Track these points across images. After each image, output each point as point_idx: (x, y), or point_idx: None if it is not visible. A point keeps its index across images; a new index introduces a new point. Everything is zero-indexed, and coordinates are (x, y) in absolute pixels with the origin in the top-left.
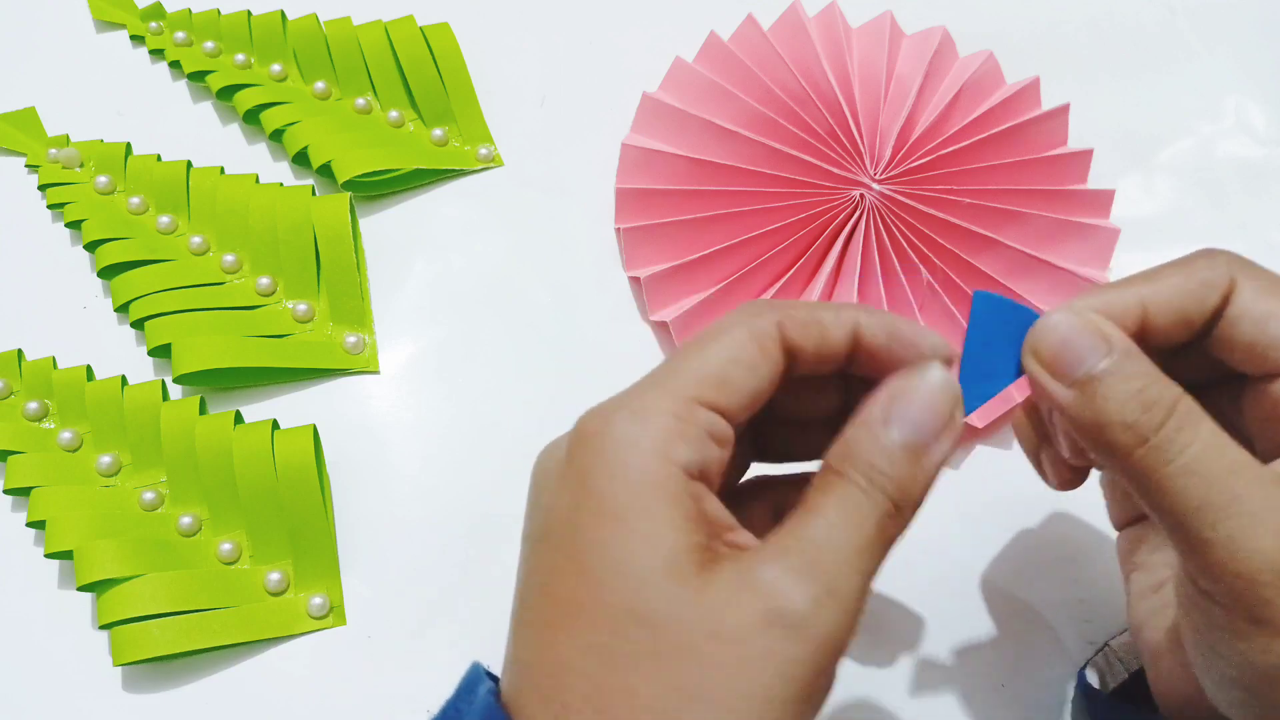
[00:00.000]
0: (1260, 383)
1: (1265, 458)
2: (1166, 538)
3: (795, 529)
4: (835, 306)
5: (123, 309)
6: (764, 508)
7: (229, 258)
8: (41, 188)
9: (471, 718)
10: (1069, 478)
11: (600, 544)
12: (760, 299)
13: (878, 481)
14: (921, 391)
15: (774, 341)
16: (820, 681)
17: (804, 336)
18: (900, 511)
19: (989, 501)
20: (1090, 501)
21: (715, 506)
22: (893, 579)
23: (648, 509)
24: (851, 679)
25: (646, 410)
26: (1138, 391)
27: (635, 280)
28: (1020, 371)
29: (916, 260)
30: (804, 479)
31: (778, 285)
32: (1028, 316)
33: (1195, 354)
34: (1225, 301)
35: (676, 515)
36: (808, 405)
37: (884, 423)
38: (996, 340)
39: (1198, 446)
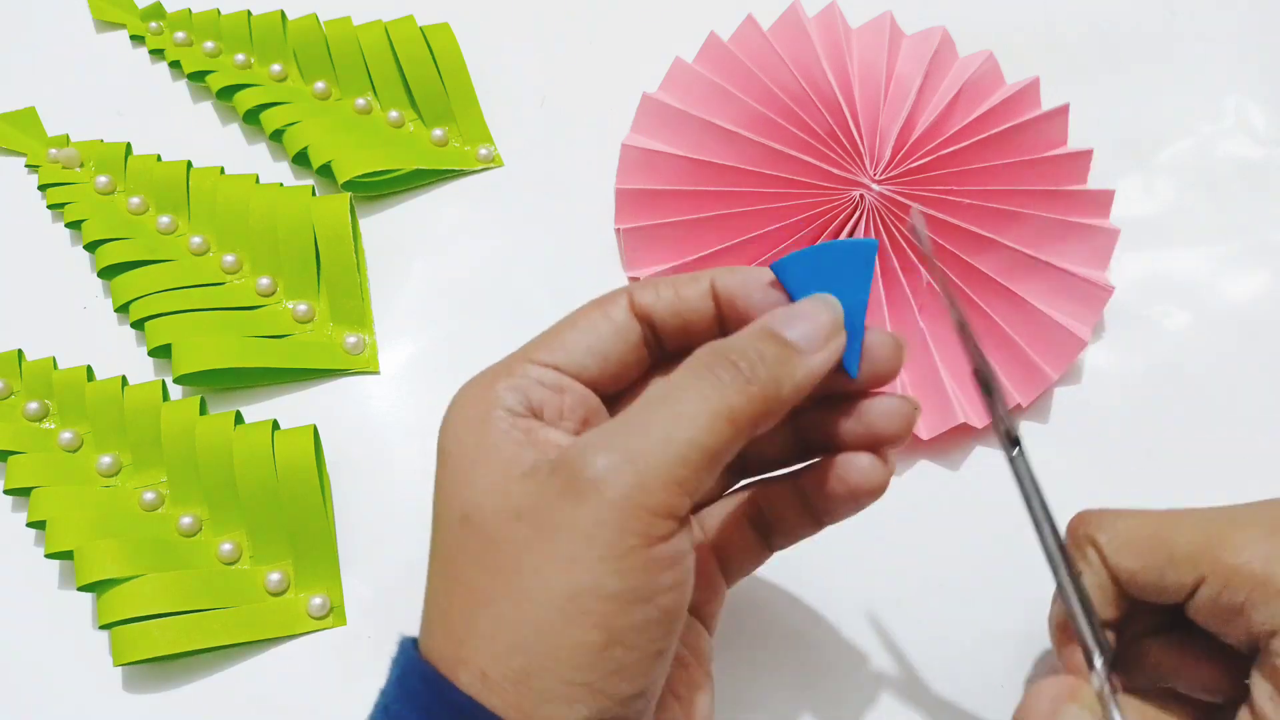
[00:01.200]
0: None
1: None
2: None
3: (623, 413)
4: (694, 274)
5: (123, 309)
6: (744, 510)
7: (229, 258)
8: (41, 188)
9: (390, 671)
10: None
11: (440, 483)
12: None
13: (731, 357)
14: (808, 305)
15: (620, 307)
16: (629, 542)
17: (655, 299)
18: (753, 387)
19: (987, 502)
20: (1090, 501)
21: (556, 435)
22: (892, 578)
23: (469, 443)
24: (851, 679)
25: (481, 377)
26: None
27: (635, 280)
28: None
29: (916, 260)
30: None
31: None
32: (824, 253)
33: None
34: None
35: (496, 440)
36: (765, 446)
37: (759, 322)
38: (815, 288)
39: None
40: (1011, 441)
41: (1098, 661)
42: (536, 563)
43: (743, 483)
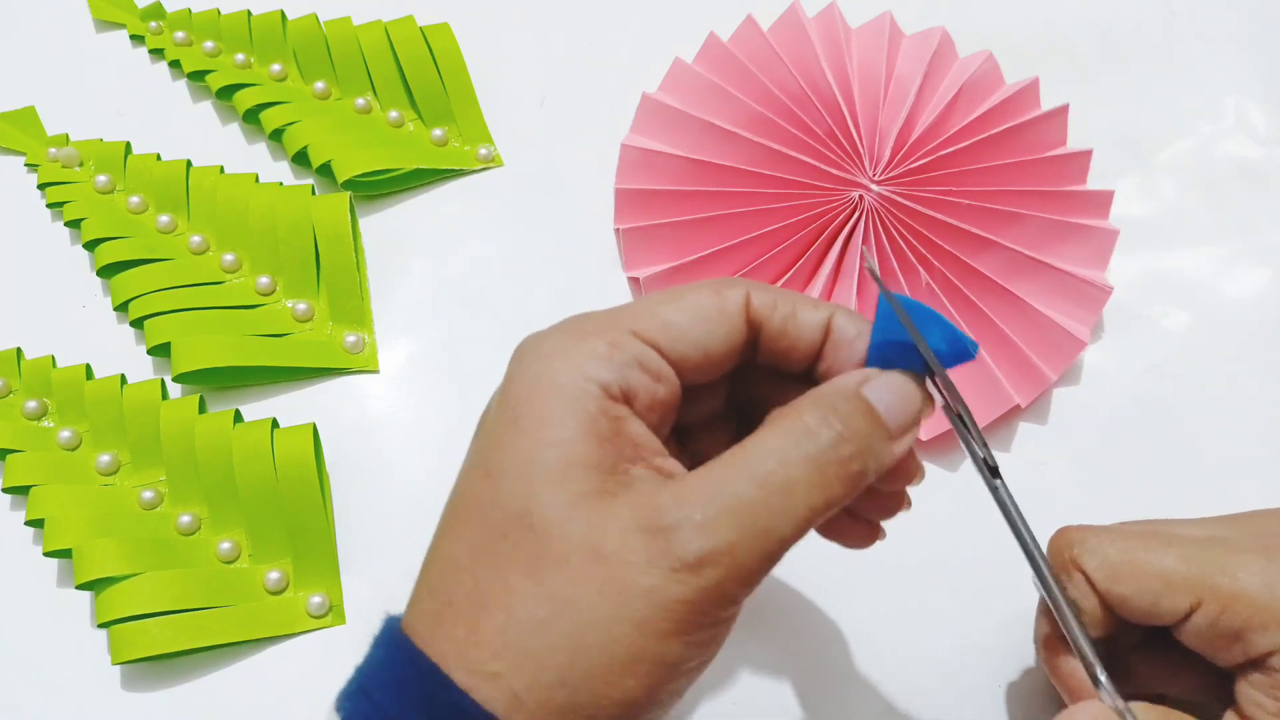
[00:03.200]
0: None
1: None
2: None
3: (718, 470)
4: (817, 301)
5: (122, 308)
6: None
7: (228, 257)
8: (41, 187)
9: (375, 643)
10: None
11: (505, 445)
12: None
13: (829, 418)
14: (897, 378)
15: (736, 306)
16: (703, 623)
17: (771, 310)
18: (845, 484)
19: (986, 502)
20: (1089, 502)
21: (640, 430)
22: (891, 578)
23: (553, 416)
24: (847, 678)
25: (579, 333)
26: None
27: (635, 281)
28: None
29: (915, 261)
30: None
31: (777, 286)
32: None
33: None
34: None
35: (583, 427)
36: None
37: (858, 383)
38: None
39: None
40: (991, 471)
41: (1103, 677)
42: (609, 613)
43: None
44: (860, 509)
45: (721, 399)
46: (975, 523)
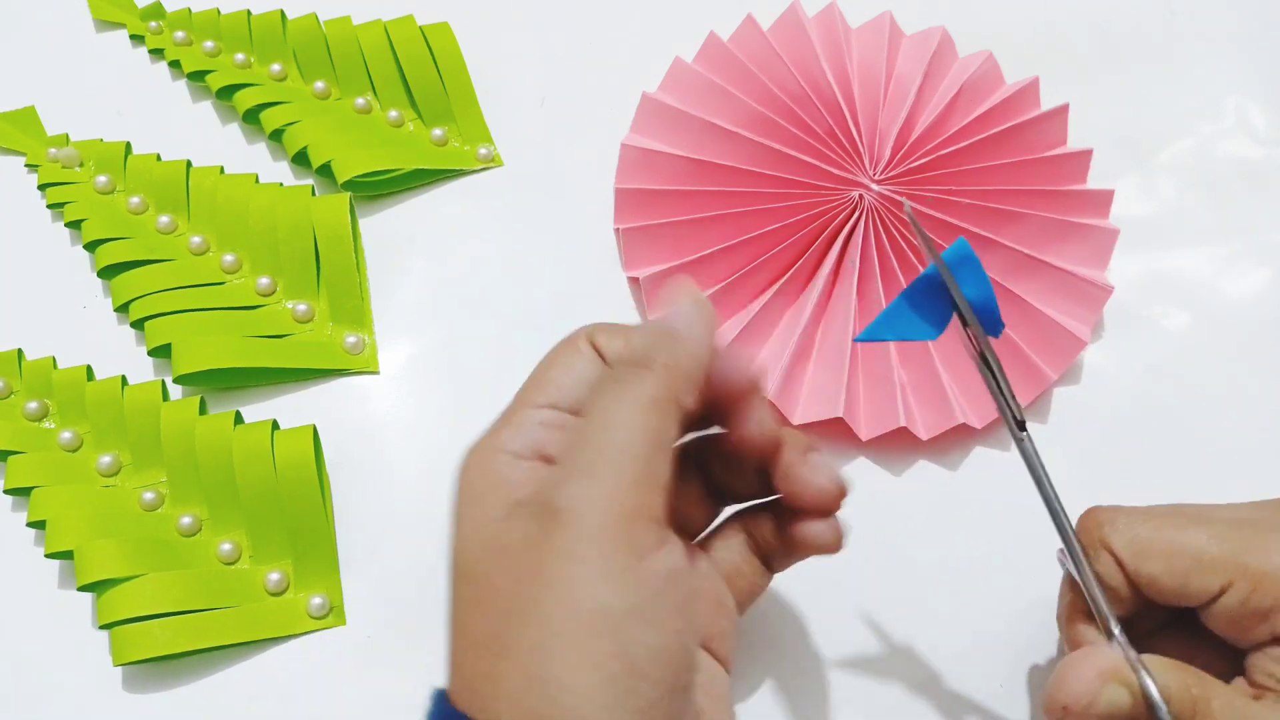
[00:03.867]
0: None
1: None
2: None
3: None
4: (644, 324)
5: (123, 309)
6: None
7: (229, 258)
8: (41, 187)
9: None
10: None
11: (451, 535)
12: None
13: (633, 359)
14: (676, 304)
15: (584, 342)
16: (621, 555)
17: (609, 344)
18: (654, 374)
19: (986, 502)
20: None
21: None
22: (891, 578)
23: (474, 492)
24: (849, 678)
25: (493, 426)
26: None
27: (634, 281)
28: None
29: (915, 261)
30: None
31: (776, 286)
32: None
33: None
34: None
35: (499, 480)
36: (736, 484)
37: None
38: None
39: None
40: (1019, 424)
41: (1116, 629)
42: (536, 600)
43: (730, 510)
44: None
45: (754, 481)
46: (977, 524)
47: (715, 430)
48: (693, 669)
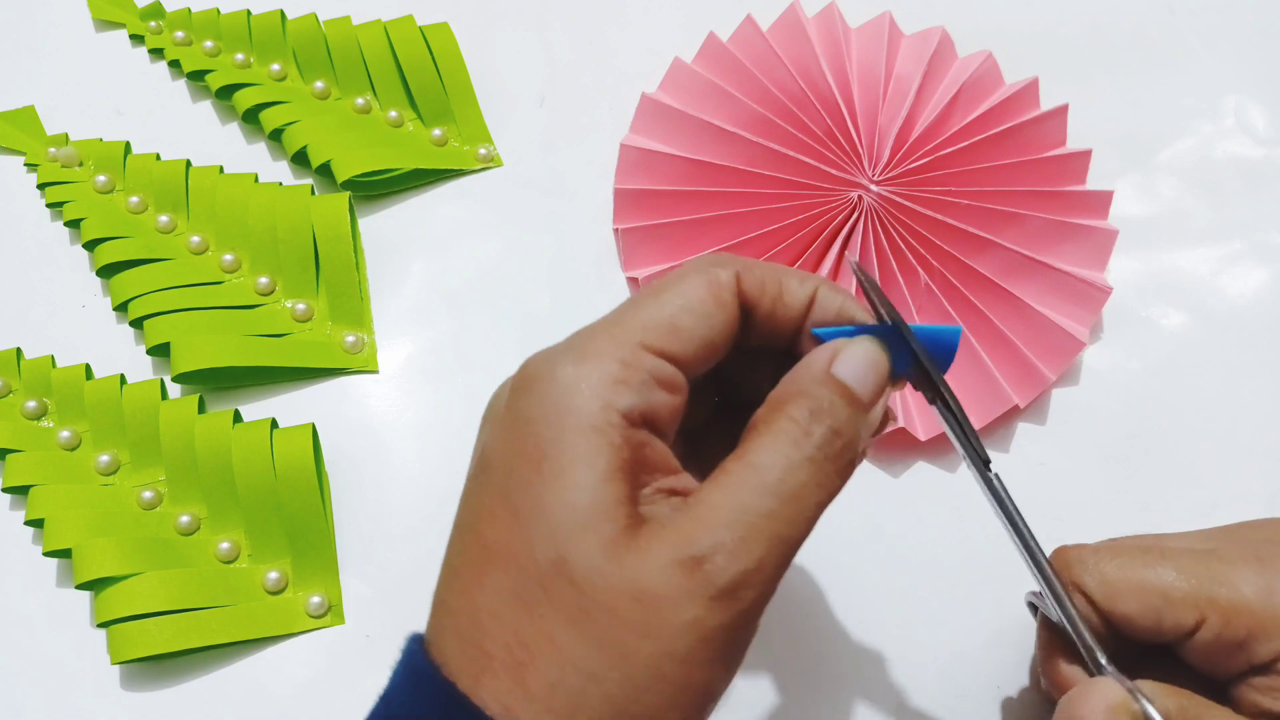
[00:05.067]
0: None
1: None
2: None
3: (732, 489)
4: (801, 273)
5: (121, 308)
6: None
7: (228, 257)
8: (40, 186)
9: (396, 671)
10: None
11: (532, 488)
12: (723, 252)
13: (817, 413)
14: (861, 348)
15: (730, 292)
16: (740, 641)
17: (761, 291)
18: (839, 467)
19: (984, 503)
20: (1088, 501)
21: (660, 453)
22: (888, 578)
23: (580, 455)
24: (846, 679)
25: (591, 354)
26: None
27: (634, 281)
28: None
29: (915, 262)
30: None
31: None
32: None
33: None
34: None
35: (609, 464)
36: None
37: (828, 364)
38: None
39: None
40: (984, 463)
41: (1104, 659)
42: (656, 652)
43: None
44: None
45: (710, 383)
46: (975, 525)
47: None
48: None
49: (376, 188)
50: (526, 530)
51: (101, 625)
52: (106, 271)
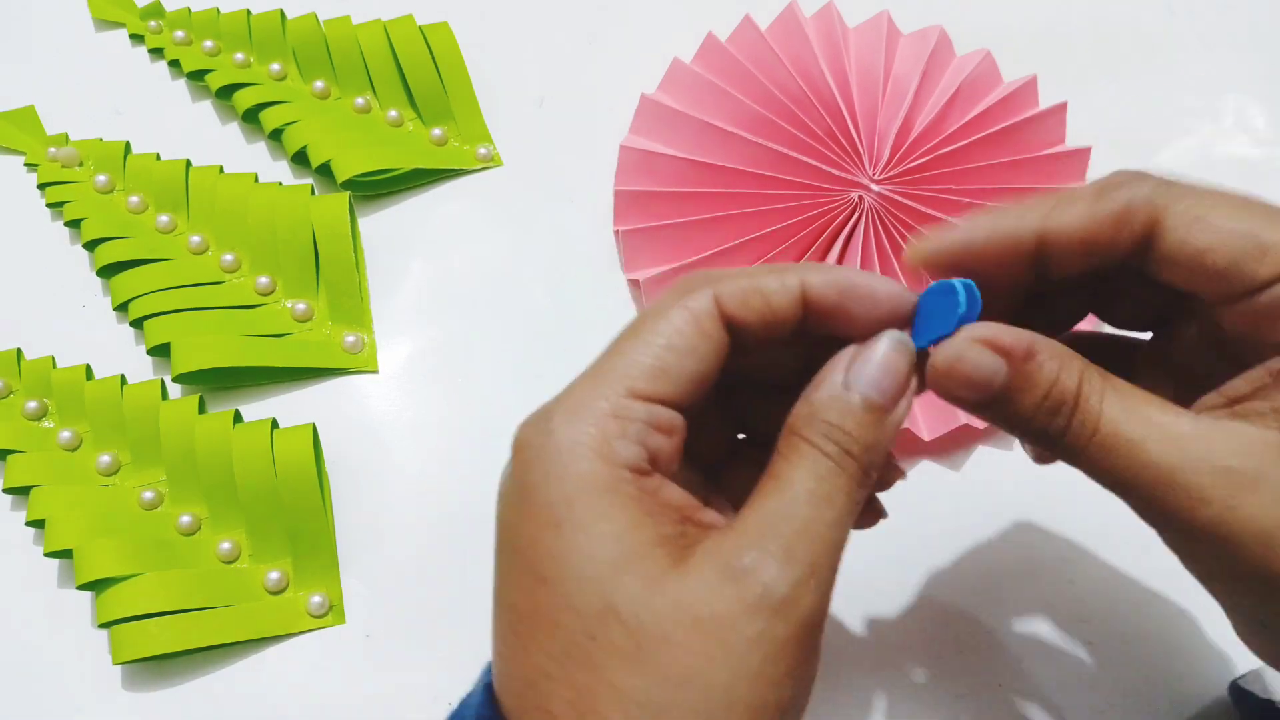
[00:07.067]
0: (1216, 304)
1: (1245, 366)
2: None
3: (767, 504)
4: (780, 269)
5: (122, 308)
6: (749, 470)
7: (228, 257)
8: (40, 186)
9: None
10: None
11: (555, 554)
12: (698, 270)
13: (845, 445)
14: (878, 353)
15: (712, 319)
16: (807, 653)
17: (745, 308)
18: (867, 476)
19: (989, 502)
20: (1088, 500)
21: (676, 493)
22: (893, 577)
23: (602, 514)
24: (848, 678)
25: (582, 411)
26: (1043, 397)
27: (635, 283)
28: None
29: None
30: None
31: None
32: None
33: (1143, 286)
34: (1148, 235)
35: (632, 513)
36: (773, 369)
37: (845, 385)
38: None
39: (1103, 430)
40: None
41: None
42: (726, 675)
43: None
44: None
45: (721, 415)
46: (980, 523)
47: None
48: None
49: (376, 188)
50: (558, 589)
51: (103, 626)
52: (106, 271)
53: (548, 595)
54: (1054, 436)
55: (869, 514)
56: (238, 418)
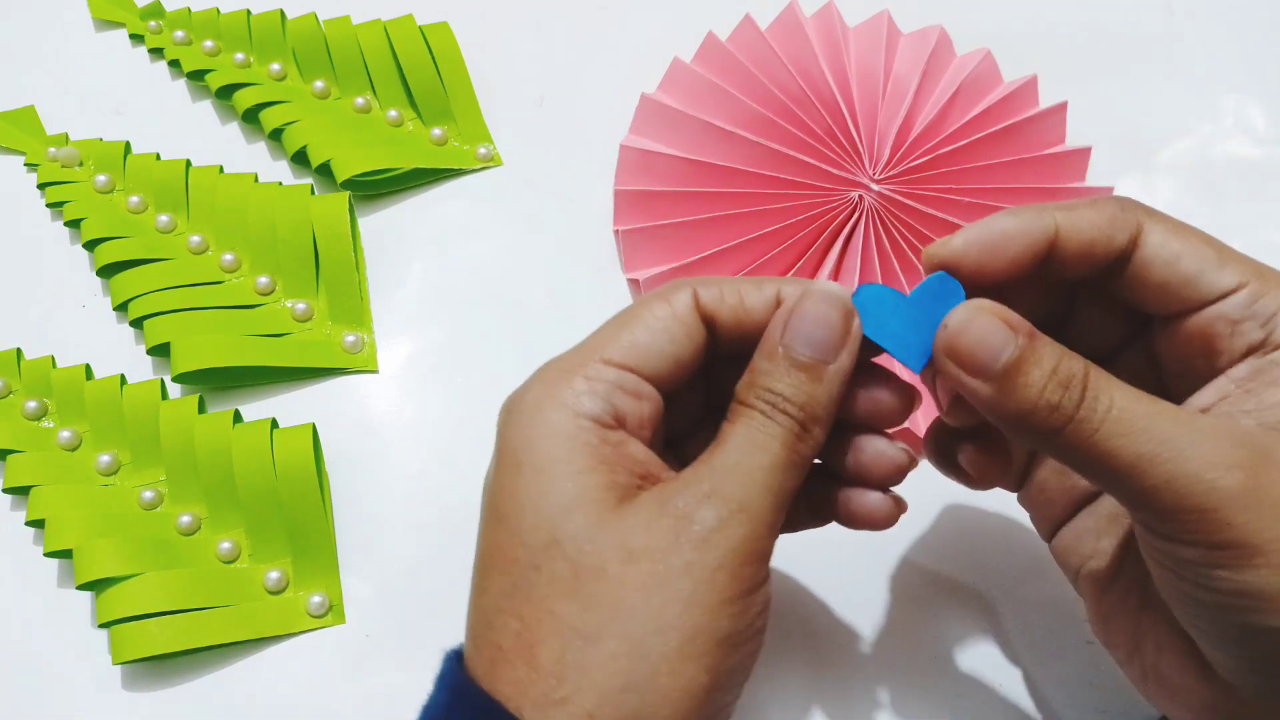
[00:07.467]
0: (1171, 322)
1: (1183, 395)
2: (1108, 520)
3: (706, 459)
4: (759, 280)
5: (122, 308)
6: None
7: (228, 256)
8: (40, 186)
9: (438, 686)
10: (990, 473)
11: (513, 492)
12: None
13: (780, 405)
14: (810, 307)
15: (688, 310)
16: (744, 585)
17: (720, 303)
18: (807, 429)
19: (988, 501)
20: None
21: (640, 451)
22: (892, 576)
23: (556, 455)
24: (845, 680)
25: (555, 374)
26: (1052, 372)
27: (635, 283)
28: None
29: (916, 261)
30: None
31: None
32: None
33: (1105, 305)
34: (1133, 244)
35: (588, 459)
36: None
37: (781, 345)
38: (893, 326)
39: (1117, 408)
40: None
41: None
42: (656, 604)
43: None
44: (868, 475)
45: (701, 397)
46: (978, 522)
47: None
48: (750, 669)
49: (376, 187)
50: (514, 528)
51: (103, 626)
52: (106, 271)
53: (505, 533)
54: (1063, 416)
55: (889, 506)
56: (238, 417)
